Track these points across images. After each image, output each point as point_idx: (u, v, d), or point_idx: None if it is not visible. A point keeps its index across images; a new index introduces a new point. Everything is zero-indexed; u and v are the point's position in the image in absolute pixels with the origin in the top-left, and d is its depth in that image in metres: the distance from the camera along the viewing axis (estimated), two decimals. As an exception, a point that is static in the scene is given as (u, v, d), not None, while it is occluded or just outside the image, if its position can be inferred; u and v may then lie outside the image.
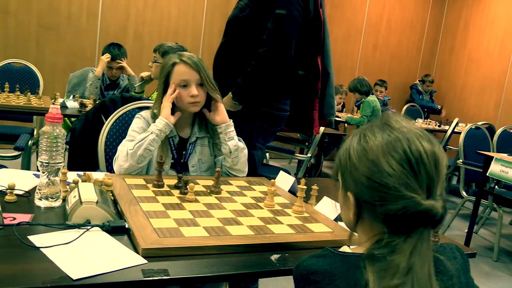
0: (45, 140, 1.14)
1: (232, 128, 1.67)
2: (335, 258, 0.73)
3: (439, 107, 6.43)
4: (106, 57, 3.33)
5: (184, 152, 1.69)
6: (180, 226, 1.12)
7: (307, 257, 0.76)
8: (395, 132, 0.74)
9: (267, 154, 4.03)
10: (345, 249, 0.78)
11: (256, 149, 2.05)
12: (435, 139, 0.75)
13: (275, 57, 1.86)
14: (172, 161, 1.67)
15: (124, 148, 1.57)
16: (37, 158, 3.92)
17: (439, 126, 5.44)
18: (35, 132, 3.55)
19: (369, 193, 0.72)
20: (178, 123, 1.65)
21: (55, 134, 1.14)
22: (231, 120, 1.68)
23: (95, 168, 1.86)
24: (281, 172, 1.71)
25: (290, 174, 3.41)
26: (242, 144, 1.68)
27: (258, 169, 2.12)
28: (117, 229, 1.07)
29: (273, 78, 1.91)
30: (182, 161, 1.69)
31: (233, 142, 1.65)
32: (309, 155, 3.49)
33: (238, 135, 1.70)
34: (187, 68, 1.61)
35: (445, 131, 4.99)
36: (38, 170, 1.19)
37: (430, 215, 0.69)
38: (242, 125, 1.96)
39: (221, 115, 1.65)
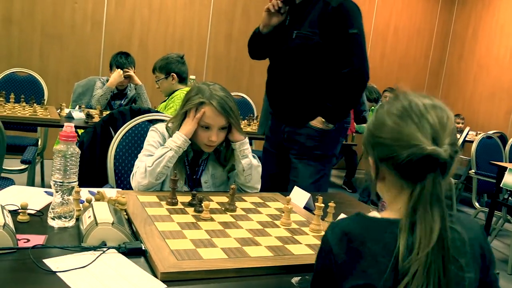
0: (59, 159, 1.13)
1: (247, 146, 1.65)
2: (366, 223, 0.83)
3: None
4: (121, 73, 3.33)
5: (196, 168, 1.69)
6: (198, 247, 1.11)
7: (341, 220, 0.87)
8: (399, 98, 0.87)
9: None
10: (374, 214, 0.87)
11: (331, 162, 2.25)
12: (440, 101, 0.86)
13: (360, 75, 2.03)
14: (185, 176, 1.66)
15: (142, 164, 1.56)
16: (41, 169, 3.92)
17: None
18: (39, 143, 3.55)
19: (381, 149, 0.84)
20: (195, 137, 1.62)
21: (70, 152, 1.14)
22: (246, 138, 1.66)
23: (104, 182, 1.86)
24: (296, 188, 1.70)
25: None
26: (256, 162, 1.67)
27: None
28: (134, 251, 1.06)
29: (359, 95, 2.09)
30: (194, 177, 1.68)
31: (247, 160, 1.64)
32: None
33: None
34: (214, 112, 1.56)
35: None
36: (43, 183, 1.17)
37: (434, 159, 0.78)
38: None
39: (236, 134, 1.63)
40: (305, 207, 1.60)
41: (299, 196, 1.65)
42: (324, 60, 2.07)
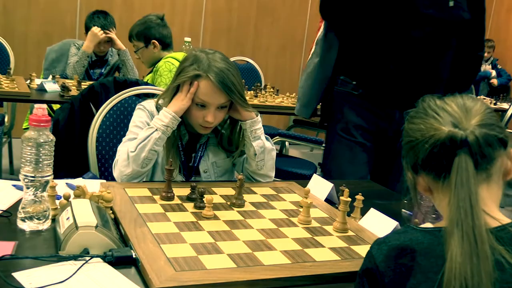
0: (30, 148, 1.09)
1: (260, 125, 1.62)
2: (415, 235, 0.85)
3: (491, 72, 6.29)
4: (100, 32, 3.26)
5: (193, 155, 1.66)
6: (200, 254, 1.10)
7: (389, 235, 0.90)
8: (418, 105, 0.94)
9: (286, 142, 3.99)
10: (427, 225, 0.91)
11: None
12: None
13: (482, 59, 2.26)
14: (179, 163, 1.64)
15: (124, 149, 1.53)
16: (9, 150, 3.92)
17: (494, 103, 5.29)
18: (6, 120, 3.53)
19: (408, 157, 0.90)
20: (188, 116, 1.59)
21: (42, 140, 1.10)
22: (259, 115, 1.63)
23: (85, 170, 1.83)
24: (315, 176, 1.67)
25: (315, 166, 3.41)
26: (270, 145, 1.65)
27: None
28: (122, 259, 1.03)
29: None
30: (191, 164, 1.66)
31: (259, 142, 1.61)
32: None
33: None
34: (211, 88, 1.52)
35: (504, 111, 4.81)
36: (12, 168, 1.15)
37: (453, 142, 0.82)
38: None
39: (242, 112, 1.60)
40: (326, 200, 1.58)
41: (319, 186, 1.63)
42: (470, 38, 2.16)
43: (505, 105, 5.14)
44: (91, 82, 2.43)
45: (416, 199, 0.96)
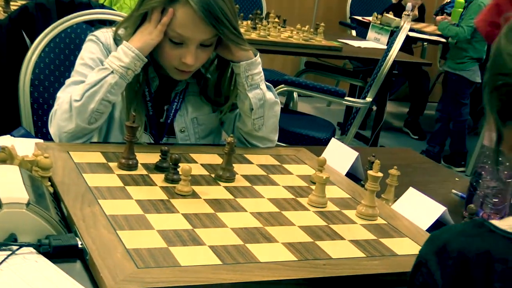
0: None
1: (259, 69, 1.62)
2: (497, 241, 0.82)
3: None
4: None
5: (166, 107, 1.67)
6: (171, 245, 1.09)
7: (447, 230, 0.88)
8: None
9: (295, 93, 3.98)
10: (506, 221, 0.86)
11: None
12: None
13: None
14: (146, 118, 1.65)
15: (67, 96, 1.52)
16: None
17: None
18: None
19: (496, 97, 0.85)
20: (159, 55, 1.59)
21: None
22: (258, 55, 1.62)
23: (15, 124, 1.83)
24: (334, 141, 1.69)
25: (334, 127, 3.41)
26: (272, 96, 1.65)
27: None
28: (64, 250, 1.03)
29: None
30: (161, 120, 1.67)
31: (257, 92, 1.61)
32: (369, 99, 3.43)
33: None
34: (192, 18, 1.50)
35: None
36: None
37: None
38: None
39: (235, 50, 1.59)
40: (348, 175, 1.59)
41: (339, 155, 1.63)
42: None
43: None
44: (23, 2, 2.39)
45: (495, 163, 0.94)
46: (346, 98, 3.51)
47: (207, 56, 1.60)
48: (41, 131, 1.84)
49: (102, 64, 1.55)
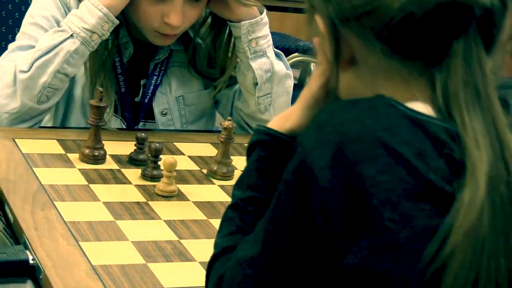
0: None
1: (265, 31, 1.64)
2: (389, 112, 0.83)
3: None
4: None
5: (143, 82, 1.67)
6: (151, 260, 1.13)
7: (335, 109, 0.87)
8: None
9: (311, 65, 3.98)
10: None
11: None
12: None
13: None
14: (116, 97, 1.65)
15: (10, 65, 1.52)
16: None
17: None
18: None
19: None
20: (135, 14, 1.60)
21: None
22: (265, 12, 1.63)
23: None
24: None
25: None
26: (282, 68, 1.66)
27: None
28: (10, 266, 1.06)
29: None
30: (137, 100, 1.68)
31: (263, 62, 1.63)
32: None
33: None
34: None
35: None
36: None
37: (467, 8, 0.81)
38: None
39: (235, 5, 1.61)
40: None
41: None
42: None
43: None
44: None
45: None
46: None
47: (197, 14, 1.61)
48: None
49: (59, 25, 1.55)
